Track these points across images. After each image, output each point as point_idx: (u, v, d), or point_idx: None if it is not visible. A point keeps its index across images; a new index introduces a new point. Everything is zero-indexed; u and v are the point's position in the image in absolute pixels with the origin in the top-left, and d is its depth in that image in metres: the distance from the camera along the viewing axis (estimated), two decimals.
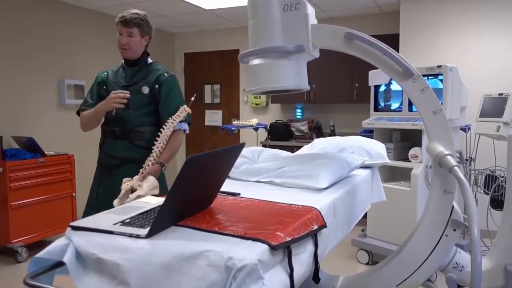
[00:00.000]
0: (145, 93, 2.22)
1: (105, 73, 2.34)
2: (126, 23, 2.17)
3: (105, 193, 2.22)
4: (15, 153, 3.70)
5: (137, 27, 2.19)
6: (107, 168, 2.26)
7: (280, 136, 5.35)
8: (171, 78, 2.28)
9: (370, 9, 4.94)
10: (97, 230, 1.10)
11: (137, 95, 2.21)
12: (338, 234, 1.49)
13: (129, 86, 2.23)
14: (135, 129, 2.20)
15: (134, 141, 2.20)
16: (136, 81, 2.25)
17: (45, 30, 4.43)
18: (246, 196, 1.48)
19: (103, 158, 2.29)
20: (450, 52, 4.22)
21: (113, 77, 2.30)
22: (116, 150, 2.22)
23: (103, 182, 2.28)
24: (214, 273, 0.91)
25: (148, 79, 2.25)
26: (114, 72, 2.32)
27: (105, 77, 2.32)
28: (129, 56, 2.24)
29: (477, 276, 1.28)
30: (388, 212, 3.27)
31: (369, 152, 2.08)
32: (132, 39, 2.19)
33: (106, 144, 2.27)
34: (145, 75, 2.26)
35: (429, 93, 1.51)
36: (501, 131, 2.97)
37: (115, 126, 2.22)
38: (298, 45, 1.55)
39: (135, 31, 2.19)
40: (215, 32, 6.15)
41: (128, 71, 2.29)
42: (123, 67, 2.32)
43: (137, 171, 2.02)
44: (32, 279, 1.02)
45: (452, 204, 1.55)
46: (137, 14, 2.20)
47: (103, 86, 2.29)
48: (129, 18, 2.17)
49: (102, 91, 2.29)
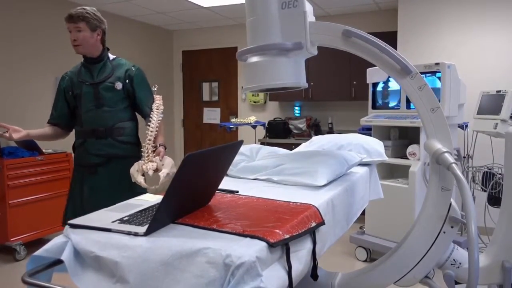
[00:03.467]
0: (118, 89, 2.21)
1: (65, 78, 2.29)
2: (71, 18, 2.15)
3: (92, 191, 2.21)
4: (13, 151, 3.69)
5: (84, 21, 2.15)
6: (92, 167, 2.22)
7: (278, 133, 5.36)
8: (139, 70, 2.30)
9: (368, 6, 4.94)
10: (95, 228, 1.10)
11: (110, 91, 2.20)
12: (337, 231, 1.50)
13: (99, 83, 2.21)
14: (115, 126, 2.20)
15: (117, 137, 2.21)
16: (105, 77, 2.22)
17: (42, 29, 4.42)
18: (244, 193, 1.48)
19: (85, 158, 2.24)
20: (448, 50, 4.22)
21: (77, 78, 2.25)
22: (100, 149, 2.21)
23: (87, 182, 2.23)
24: (212, 270, 0.91)
25: (117, 74, 2.23)
26: (76, 73, 2.27)
27: (68, 81, 2.27)
28: (83, 52, 2.21)
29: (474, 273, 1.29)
30: (386, 209, 3.28)
31: (367, 149, 2.09)
32: (80, 34, 2.15)
33: (88, 144, 2.22)
34: (111, 71, 2.23)
35: (427, 91, 1.51)
36: (498, 128, 2.98)
37: (95, 126, 2.19)
38: (296, 42, 1.54)
39: (83, 26, 2.15)
40: (213, 29, 6.14)
41: (92, 68, 2.24)
42: (84, 65, 2.26)
43: (123, 166, 2.11)
44: (31, 277, 1.03)
45: (449, 201, 1.55)
46: (83, 9, 2.17)
47: (69, 92, 2.25)
48: (74, 13, 2.14)
49: (68, 96, 2.25)
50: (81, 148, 2.26)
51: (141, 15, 5.28)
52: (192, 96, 6.46)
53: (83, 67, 2.27)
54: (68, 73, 2.31)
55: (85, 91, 2.21)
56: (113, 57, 2.30)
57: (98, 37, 2.22)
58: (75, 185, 2.30)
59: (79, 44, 2.17)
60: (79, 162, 2.29)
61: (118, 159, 2.20)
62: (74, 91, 2.24)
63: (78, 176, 2.29)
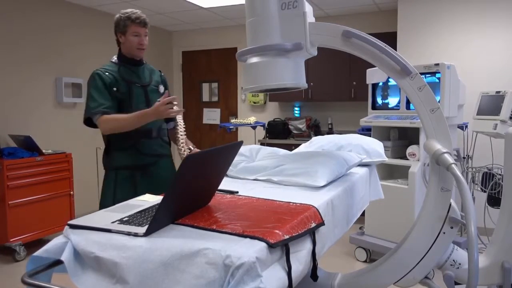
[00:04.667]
0: (161, 92, 2.33)
1: (107, 73, 2.20)
2: (145, 24, 2.22)
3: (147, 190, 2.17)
4: (13, 151, 3.69)
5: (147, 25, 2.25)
6: (144, 167, 2.22)
7: (278, 134, 5.36)
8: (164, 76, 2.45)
9: (368, 7, 4.94)
10: (95, 228, 1.10)
11: (156, 94, 2.30)
12: (337, 232, 1.50)
13: (147, 85, 2.28)
14: (162, 126, 2.30)
15: (163, 137, 2.33)
16: (149, 80, 2.31)
17: (42, 28, 4.42)
18: (244, 194, 1.48)
19: (138, 159, 2.21)
20: (448, 50, 4.22)
21: (120, 77, 2.20)
22: (153, 149, 2.26)
23: (141, 182, 2.21)
24: (212, 271, 0.91)
25: (155, 78, 2.34)
26: (117, 72, 2.22)
27: (112, 78, 2.20)
28: (142, 55, 2.29)
29: (474, 274, 1.29)
30: (386, 210, 3.28)
31: (367, 150, 2.09)
32: (146, 38, 2.25)
33: (141, 144, 2.21)
34: (150, 74, 2.33)
35: (426, 91, 1.51)
36: (498, 129, 2.98)
37: (149, 126, 2.18)
38: (296, 43, 1.55)
39: (147, 31, 2.25)
40: (213, 30, 6.14)
41: (136, 70, 2.27)
42: (125, 66, 2.24)
43: (169, 165, 2.32)
44: (30, 277, 1.03)
45: (449, 201, 1.55)
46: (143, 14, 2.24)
47: (114, 88, 2.18)
48: (145, 19, 2.22)
49: (113, 92, 2.17)
50: (131, 150, 2.20)
51: None
52: (191, 96, 6.46)
53: (123, 67, 2.24)
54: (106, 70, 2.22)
55: (136, 92, 2.22)
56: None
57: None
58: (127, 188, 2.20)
59: (145, 48, 2.26)
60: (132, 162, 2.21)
61: (164, 158, 2.32)
62: (119, 89, 2.19)
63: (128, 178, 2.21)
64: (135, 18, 2.18)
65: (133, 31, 2.19)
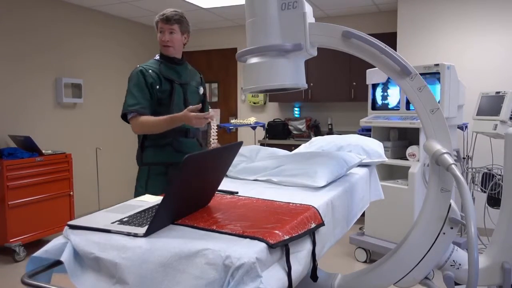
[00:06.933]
0: (201, 93, 2.36)
1: (150, 71, 2.20)
2: (168, 20, 2.22)
3: None
4: (12, 152, 3.69)
5: (178, 23, 2.23)
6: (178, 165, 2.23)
7: (278, 134, 5.36)
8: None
9: (368, 7, 4.94)
10: (95, 229, 1.10)
11: (195, 94, 2.33)
12: (337, 232, 1.50)
13: (186, 84, 2.30)
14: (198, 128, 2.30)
15: (198, 138, 2.35)
16: (189, 80, 2.33)
17: (42, 29, 4.42)
18: (243, 194, 1.48)
19: (172, 156, 2.22)
20: (448, 51, 4.22)
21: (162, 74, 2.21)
22: (189, 148, 2.26)
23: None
24: (212, 272, 0.91)
25: (196, 79, 2.37)
26: (158, 70, 2.23)
27: (156, 76, 2.20)
28: (172, 53, 2.25)
29: (474, 274, 1.29)
30: (386, 210, 3.28)
31: (367, 150, 2.09)
32: (174, 35, 2.23)
33: (178, 143, 2.22)
34: (190, 74, 2.35)
35: (426, 92, 1.51)
36: (498, 129, 2.98)
37: (186, 125, 2.17)
38: (296, 43, 1.55)
39: (176, 28, 2.23)
40: (213, 30, 6.14)
41: (177, 68, 2.29)
42: (166, 64, 2.26)
43: None
44: (30, 278, 1.03)
45: (449, 202, 1.55)
46: (176, 11, 2.25)
47: (157, 86, 2.19)
48: (170, 15, 2.21)
49: (155, 91, 2.18)
50: (167, 147, 2.22)
51: (141, 16, 5.27)
52: None
53: (164, 64, 2.26)
54: (149, 67, 2.23)
55: (177, 90, 2.25)
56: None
57: (185, 40, 2.32)
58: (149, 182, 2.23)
59: (171, 45, 2.24)
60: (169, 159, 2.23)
61: None
62: (162, 87, 2.20)
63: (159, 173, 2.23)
64: (161, 14, 2.24)
65: (159, 28, 2.25)
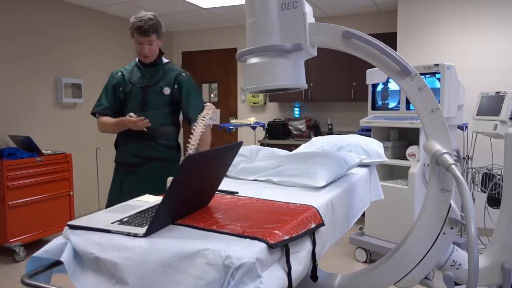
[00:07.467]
0: (166, 93, 2.29)
1: (119, 73, 2.32)
2: (146, 32, 2.18)
3: (131, 189, 2.25)
4: (12, 152, 3.69)
5: (155, 32, 2.21)
6: (131, 167, 2.29)
7: (278, 134, 5.36)
8: (189, 77, 2.35)
9: (368, 7, 4.94)
10: (95, 229, 1.10)
11: (159, 95, 2.27)
12: (337, 232, 1.50)
13: (148, 87, 2.27)
14: (159, 129, 2.26)
15: (159, 140, 2.28)
16: (155, 81, 2.28)
17: (41, 28, 4.42)
18: (243, 194, 1.48)
19: (127, 157, 2.30)
20: (448, 51, 4.23)
21: (129, 77, 2.30)
22: (142, 150, 2.27)
23: (127, 180, 2.30)
24: (212, 272, 0.91)
25: (167, 79, 2.30)
26: (129, 72, 2.31)
27: (121, 77, 2.31)
28: (150, 61, 2.28)
29: (474, 274, 1.28)
30: (386, 210, 3.28)
31: (367, 150, 2.09)
32: (153, 46, 2.23)
33: (131, 144, 2.28)
34: (162, 75, 2.30)
35: (426, 92, 1.51)
36: (498, 129, 2.98)
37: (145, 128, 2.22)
38: (296, 43, 1.54)
39: (154, 37, 2.22)
40: (213, 30, 6.14)
41: (145, 71, 2.30)
42: (139, 67, 2.31)
43: (161, 168, 2.14)
44: (30, 278, 1.02)
45: (449, 202, 1.55)
46: (151, 20, 2.20)
47: (120, 88, 2.29)
48: (147, 27, 2.17)
49: (118, 92, 2.29)
50: (124, 147, 2.31)
51: None
52: None
53: (136, 67, 2.31)
54: (121, 69, 2.34)
55: (134, 92, 2.27)
56: (166, 61, 2.36)
57: (161, 43, 2.30)
58: (116, 184, 2.35)
59: (150, 56, 2.24)
60: (120, 160, 2.34)
61: (157, 161, 2.26)
62: (124, 89, 2.28)
63: (119, 174, 2.35)
64: (136, 27, 2.19)
65: (136, 40, 2.23)
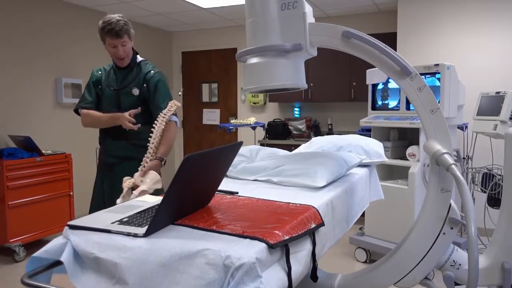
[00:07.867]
0: (135, 94, 2.27)
1: (99, 72, 2.36)
2: (118, 34, 2.16)
3: (110, 188, 2.30)
4: (12, 152, 3.69)
5: (126, 33, 2.20)
6: (108, 166, 2.33)
7: (278, 134, 5.36)
8: (157, 74, 2.30)
9: (368, 7, 4.94)
10: (95, 229, 1.10)
11: (128, 96, 2.28)
12: (337, 232, 1.50)
13: (120, 89, 2.29)
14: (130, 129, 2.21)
15: (131, 140, 2.28)
16: (127, 83, 2.30)
17: (41, 29, 4.41)
18: (243, 195, 1.48)
19: (104, 157, 2.35)
20: (448, 51, 4.23)
21: (106, 79, 2.33)
22: (115, 150, 2.31)
23: (106, 178, 2.34)
24: (212, 272, 0.91)
25: (137, 80, 2.30)
26: (107, 73, 2.35)
27: (100, 76, 2.35)
28: (126, 62, 2.29)
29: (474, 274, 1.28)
30: (386, 210, 3.28)
31: (367, 150, 2.09)
32: (126, 47, 2.23)
33: (106, 144, 2.34)
34: (135, 76, 2.31)
35: (426, 92, 1.51)
36: (498, 129, 2.98)
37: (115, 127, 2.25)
38: (296, 43, 1.54)
39: (126, 38, 2.21)
40: (212, 30, 6.14)
41: (119, 74, 2.32)
42: (114, 69, 2.35)
43: (137, 167, 2.04)
44: (30, 278, 1.02)
45: (449, 202, 1.55)
46: (120, 21, 2.17)
47: (98, 86, 2.33)
48: (119, 29, 2.15)
49: (97, 90, 2.33)
50: (102, 147, 2.36)
51: (140, 17, 5.27)
52: (191, 97, 6.46)
53: (112, 70, 2.34)
54: (101, 69, 2.37)
55: (107, 94, 2.30)
56: (140, 60, 2.36)
57: (132, 44, 2.29)
58: (97, 183, 2.39)
59: (125, 57, 2.25)
60: (101, 159, 2.38)
61: (131, 161, 2.25)
62: (101, 88, 2.32)
63: (99, 173, 2.39)
64: (107, 30, 2.15)
65: (109, 44, 2.21)
